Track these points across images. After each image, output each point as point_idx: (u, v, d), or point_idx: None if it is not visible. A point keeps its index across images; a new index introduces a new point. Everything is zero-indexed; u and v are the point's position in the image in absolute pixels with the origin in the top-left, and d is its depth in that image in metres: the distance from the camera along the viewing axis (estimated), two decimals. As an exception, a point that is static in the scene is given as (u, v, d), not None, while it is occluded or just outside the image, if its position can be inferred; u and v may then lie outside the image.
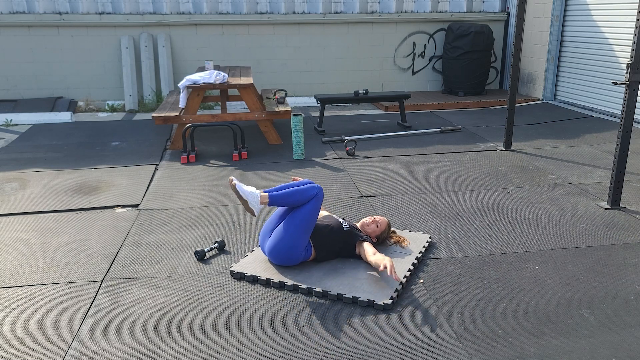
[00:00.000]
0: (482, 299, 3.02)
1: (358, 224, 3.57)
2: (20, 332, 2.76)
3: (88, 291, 3.15)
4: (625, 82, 4.08)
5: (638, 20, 3.92)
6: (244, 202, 3.19)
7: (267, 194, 3.23)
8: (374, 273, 3.24)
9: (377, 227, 3.53)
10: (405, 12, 9.40)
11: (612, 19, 7.48)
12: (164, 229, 4.02)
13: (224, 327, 2.78)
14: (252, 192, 3.20)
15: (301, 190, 3.24)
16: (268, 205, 3.23)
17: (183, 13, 8.72)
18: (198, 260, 3.47)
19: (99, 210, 4.43)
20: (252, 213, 3.19)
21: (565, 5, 8.43)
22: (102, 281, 3.27)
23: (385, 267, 3.00)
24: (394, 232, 3.66)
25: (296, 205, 3.23)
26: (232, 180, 3.20)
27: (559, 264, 3.42)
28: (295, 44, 9.14)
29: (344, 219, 3.49)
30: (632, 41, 3.99)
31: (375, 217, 3.58)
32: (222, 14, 8.83)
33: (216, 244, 3.61)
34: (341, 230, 3.37)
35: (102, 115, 8.35)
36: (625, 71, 4.06)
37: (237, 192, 3.19)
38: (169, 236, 3.90)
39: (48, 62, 8.50)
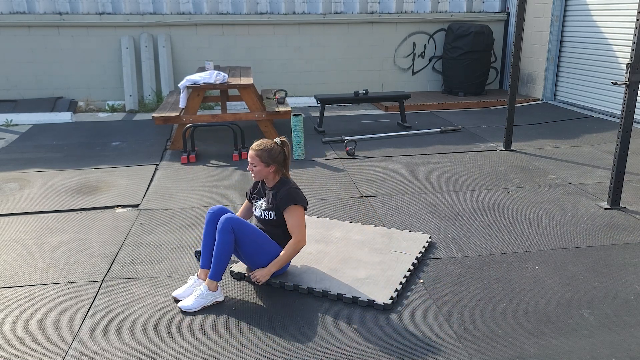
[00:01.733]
0: (482, 299, 3.02)
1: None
2: (20, 332, 2.76)
3: (88, 291, 3.16)
4: (625, 82, 4.08)
5: (638, 20, 3.92)
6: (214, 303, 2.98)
7: (209, 279, 2.95)
8: (374, 273, 3.24)
9: (253, 169, 3.12)
10: (405, 12, 9.40)
11: (612, 19, 7.48)
12: (164, 229, 4.03)
13: (224, 327, 2.79)
14: (200, 296, 2.92)
15: (222, 243, 2.92)
16: (216, 280, 2.97)
17: (183, 13, 8.72)
18: (198, 260, 3.47)
19: (99, 211, 4.43)
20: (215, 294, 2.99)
21: (565, 5, 8.44)
22: (102, 281, 3.27)
23: (257, 279, 3.07)
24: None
25: (230, 248, 2.97)
26: (180, 310, 2.92)
27: (558, 264, 3.43)
28: (295, 44, 9.14)
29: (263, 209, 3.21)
30: (632, 41, 4.00)
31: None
32: (222, 14, 8.83)
33: None
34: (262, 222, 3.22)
35: (103, 116, 8.35)
36: (625, 71, 4.06)
37: (193, 310, 2.93)
38: (169, 236, 3.90)
39: (48, 62, 8.50)
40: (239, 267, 3.33)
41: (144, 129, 7.34)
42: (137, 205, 4.52)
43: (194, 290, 2.99)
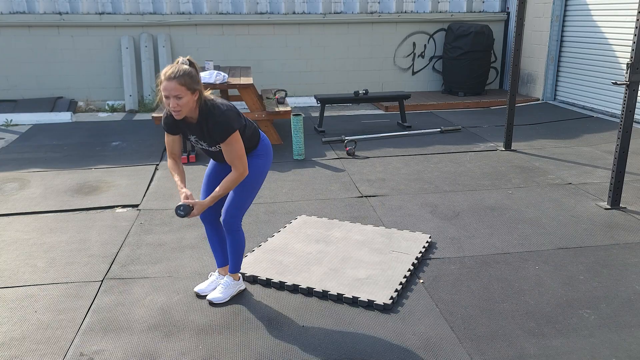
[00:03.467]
0: (482, 299, 3.02)
1: None
2: (20, 332, 2.76)
3: (88, 291, 3.16)
4: (625, 82, 4.08)
5: (638, 20, 3.92)
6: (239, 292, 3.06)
7: (231, 273, 3.02)
8: (374, 273, 3.24)
9: (179, 103, 2.51)
10: (405, 12, 9.40)
11: (612, 19, 7.48)
12: (164, 229, 4.03)
13: (224, 327, 2.78)
14: (227, 287, 3.01)
15: (234, 240, 2.91)
16: (237, 272, 3.03)
17: (183, 13, 8.72)
18: (178, 214, 2.69)
19: (99, 211, 4.43)
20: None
21: (565, 5, 8.44)
22: (102, 281, 3.27)
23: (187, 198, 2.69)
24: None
25: (242, 242, 2.96)
26: (210, 302, 2.98)
27: (559, 264, 3.42)
28: (295, 44, 9.14)
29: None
30: (632, 41, 3.99)
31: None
32: (222, 14, 8.83)
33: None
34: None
35: (102, 116, 8.35)
36: (625, 71, 4.06)
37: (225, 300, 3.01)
38: (169, 236, 3.90)
39: (48, 62, 8.50)
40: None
41: (144, 129, 7.34)
42: (137, 205, 4.52)
43: (218, 284, 3.08)
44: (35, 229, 4.07)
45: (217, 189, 2.72)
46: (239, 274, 3.08)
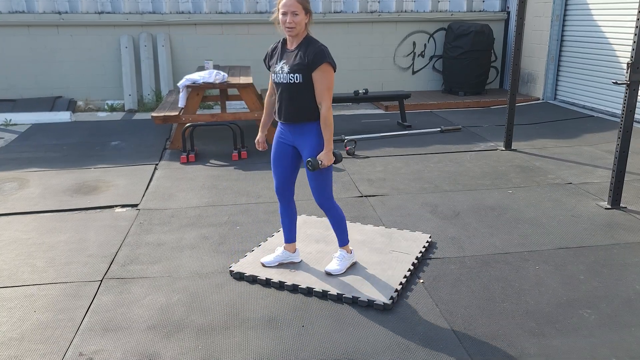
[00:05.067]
0: (482, 299, 3.01)
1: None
2: (19, 332, 2.75)
3: (87, 291, 3.15)
4: (625, 82, 4.07)
5: (638, 19, 3.91)
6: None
7: (343, 246, 3.27)
8: (374, 273, 3.23)
9: (295, 19, 2.82)
10: (405, 11, 9.39)
11: (612, 19, 7.47)
12: (164, 229, 4.02)
13: (224, 327, 2.78)
14: (343, 259, 3.25)
15: (333, 218, 3.17)
16: (347, 243, 3.29)
17: (182, 12, 8.71)
18: (312, 170, 2.96)
19: (98, 210, 4.42)
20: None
21: (566, 4, 8.42)
22: (101, 281, 3.26)
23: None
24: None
25: (341, 216, 3.21)
26: (327, 273, 3.20)
27: (559, 263, 3.42)
28: (295, 44, 9.12)
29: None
30: (632, 41, 3.99)
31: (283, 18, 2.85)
32: (222, 13, 8.82)
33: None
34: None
35: (102, 115, 8.34)
36: (625, 71, 4.05)
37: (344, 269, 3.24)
38: (169, 236, 3.89)
39: (47, 62, 8.48)
40: (239, 266, 3.33)
41: (143, 128, 7.32)
42: (136, 205, 4.51)
43: (282, 259, 3.31)
44: (34, 228, 4.06)
45: (323, 132, 2.92)
46: (350, 248, 3.32)
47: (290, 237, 3.32)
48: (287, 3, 2.82)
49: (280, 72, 2.93)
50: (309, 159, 2.94)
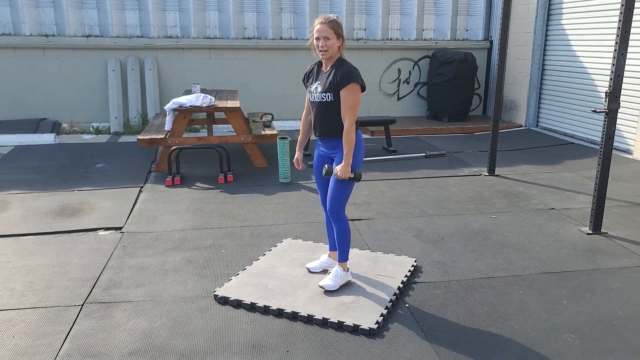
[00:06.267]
0: (467, 323, 3.01)
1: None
2: (-4, 358, 2.68)
3: (68, 316, 3.09)
4: (604, 110, 4.17)
5: (615, 50, 4.04)
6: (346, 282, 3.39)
7: (340, 262, 3.35)
8: (360, 297, 3.22)
9: (327, 44, 3.09)
10: (391, 39, 9.57)
11: (591, 49, 7.69)
12: (148, 252, 3.97)
13: (207, 352, 2.73)
14: (337, 276, 3.31)
15: (339, 231, 3.26)
16: (345, 261, 3.36)
17: (171, 37, 8.78)
18: (325, 175, 3.21)
19: (81, 233, 4.37)
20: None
21: (546, 34, 8.66)
22: (82, 305, 3.20)
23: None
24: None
25: (347, 231, 3.30)
26: (323, 289, 3.29)
27: (542, 288, 3.44)
28: (282, 69, 9.23)
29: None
30: (610, 70, 4.11)
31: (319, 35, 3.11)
32: (210, 38, 8.91)
33: None
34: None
35: (87, 137, 8.29)
36: (604, 99, 4.16)
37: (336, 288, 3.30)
38: (152, 259, 3.85)
39: (32, 83, 8.44)
40: (223, 290, 3.29)
41: (129, 151, 7.29)
42: (120, 228, 4.46)
43: (329, 270, 3.44)
44: (14, 251, 3.99)
45: (344, 146, 3.09)
46: (348, 266, 3.37)
47: (334, 245, 3.47)
48: (320, 29, 3.08)
49: (314, 91, 3.20)
50: (326, 164, 3.22)
